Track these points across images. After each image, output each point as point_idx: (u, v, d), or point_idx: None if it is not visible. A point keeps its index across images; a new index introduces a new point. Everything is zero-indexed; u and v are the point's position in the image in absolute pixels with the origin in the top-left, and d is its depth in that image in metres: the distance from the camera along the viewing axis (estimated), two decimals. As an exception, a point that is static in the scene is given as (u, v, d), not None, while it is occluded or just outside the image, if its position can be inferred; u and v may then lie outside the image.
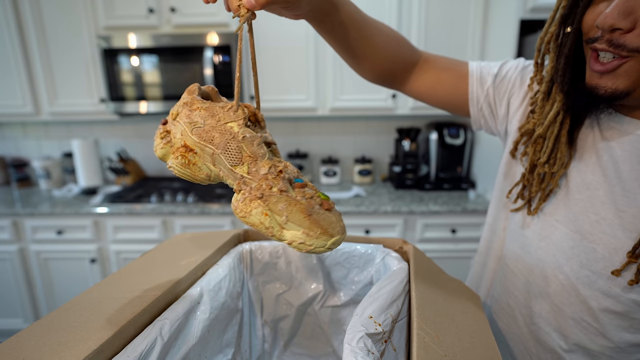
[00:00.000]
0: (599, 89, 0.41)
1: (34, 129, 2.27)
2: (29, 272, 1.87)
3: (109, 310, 0.37)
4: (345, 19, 0.51)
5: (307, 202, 0.36)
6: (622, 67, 0.39)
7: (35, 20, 1.81)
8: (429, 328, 0.36)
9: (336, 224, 0.36)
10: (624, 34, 0.38)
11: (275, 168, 0.37)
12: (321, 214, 0.36)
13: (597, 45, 0.40)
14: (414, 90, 0.64)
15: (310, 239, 0.35)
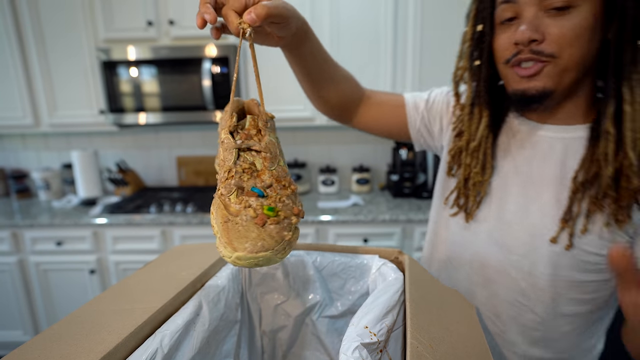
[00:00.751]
0: (529, 90, 0.50)
1: (34, 141, 2.28)
2: (29, 284, 1.87)
3: (110, 323, 0.38)
4: (314, 50, 0.58)
5: (234, 210, 0.36)
6: (544, 70, 0.48)
7: (35, 33, 1.84)
8: (423, 338, 0.37)
9: (249, 241, 0.34)
10: (539, 44, 0.47)
11: (229, 173, 0.39)
12: (240, 225, 0.35)
13: (522, 56, 0.49)
14: (362, 123, 0.73)
15: (220, 245, 0.35)
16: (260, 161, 0.42)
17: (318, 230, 1.75)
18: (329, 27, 1.80)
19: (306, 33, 0.55)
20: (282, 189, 0.40)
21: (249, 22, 0.41)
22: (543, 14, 0.47)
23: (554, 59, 0.47)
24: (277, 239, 0.35)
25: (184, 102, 1.86)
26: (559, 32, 0.46)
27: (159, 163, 2.33)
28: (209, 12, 0.41)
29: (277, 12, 0.44)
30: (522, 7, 0.48)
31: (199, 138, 2.27)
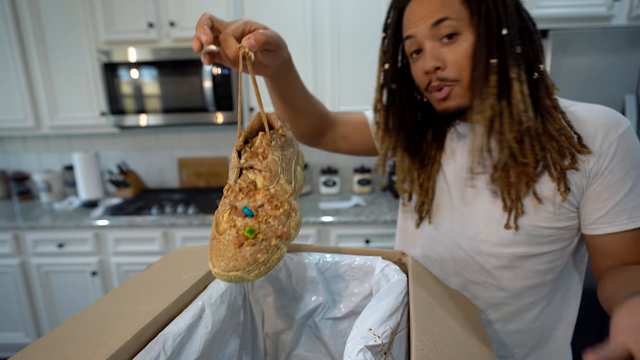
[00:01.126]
0: (447, 109, 0.57)
1: (35, 143, 2.29)
2: (30, 286, 1.87)
3: (112, 326, 0.38)
4: (294, 80, 0.63)
5: (221, 229, 0.39)
6: (452, 92, 0.55)
7: (36, 35, 1.84)
8: (427, 339, 0.36)
9: (224, 260, 0.37)
10: (442, 71, 0.54)
11: (227, 191, 0.42)
12: (221, 244, 0.38)
13: (433, 84, 0.56)
14: (330, 144, 0.78)
15: (208, 260, 0.39)
16: (261, 179, 0.43)
17: (319, 232, 1.74)
18: (330, 27, 1.80)
19: (290, 64, 0.60)
20: (272, 209, 0.42)
21: (249, 47, 0.43)
22: (439, 44, 0.54)
23: (457, 82, 0.54)
24: (249, 260, 0.38)
25: (185, 104, 1.86)
26: (454, 58, 0.53)
27: (160, 164, 2.33)
28: (206, 33, 0.42)
29: (273, 41, 0.48)
30: (421, 40, 0.55)
31: (200, 139, 2.27)
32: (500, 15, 0.51)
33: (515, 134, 0.53)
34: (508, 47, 0.51)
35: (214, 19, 0.45)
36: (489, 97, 0.53)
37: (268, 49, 0.48)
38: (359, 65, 1.84)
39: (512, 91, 0.53)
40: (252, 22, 0.46)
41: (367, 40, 1.81)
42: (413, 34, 0.55)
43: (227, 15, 1.77)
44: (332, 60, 1.84)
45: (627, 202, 0.52)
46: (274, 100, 0.66)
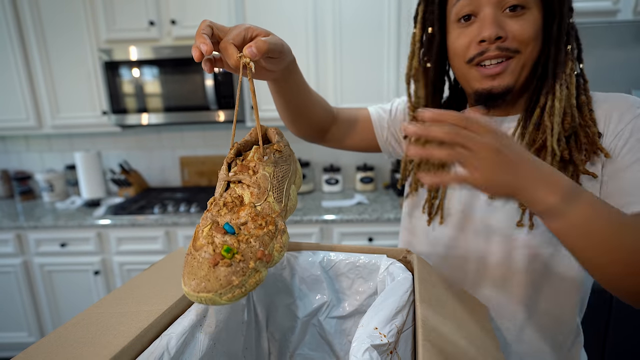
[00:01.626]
0: (495, 89, 0.52)
1: (37, 142, 2.29)
2: (33, 285, 1.87)
3: (116, 326, 0.38)
4: (298, 82, 0.61)
5: (198, 245, 0.37)
6: (509, 67, 0.51)
7: (37, 34, 1.84)
8: (434, 338, 0.36)
9: (196, 279, 0.34)
10: (503, 41, 0.50)
11: (210, 205, 0.41)
12: (195, 261, 0.36)
13: (489, 54, 0.51)
14: (333, 141, 0.76)
15: (182, 275, 0.37)
16: (247, 195, 0.41)
17: (322, 230, 1.74)
18: (332, 22, 1.79)
19: (294, 66, 0.58)
20: (256, 228, 0.39)
21: (250, 55, 0.42)
22: (501, 13, 0.50)
23: (517, 54, 0.51)
24: (222, 282, 0.34)
25: (187, 102, 1.86)
26: (520, 29, 0.49)
27: (162, 163, 2.33)
28: (206, 42, 0.41)
29: (275, 48, 0.46)
30: (482, 4, 0.50)
31: (202, 138, 2.27)
32: (570, 2, 0.50)
33: (568, 127, 0.52)
34: (574, 36, 0.51)
35: (214, 26, 0.44)
36: (564, 84, 0.51)
37: (271, 55, 0.47)
38: (361, 62, 1.83)
39: (570, 83, 0.52)
40: (253, 27, 0.45)
41: (369, 36, 1.80)
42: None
43: (229, 9, 1.76)
44: (335, 56, 1.83)
45: None
46: (278, 103, 0.65)
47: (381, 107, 0.77)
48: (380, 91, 1.86)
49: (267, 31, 0.46)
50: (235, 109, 0.42)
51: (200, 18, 1.79)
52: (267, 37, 0.45)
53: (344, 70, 1.85)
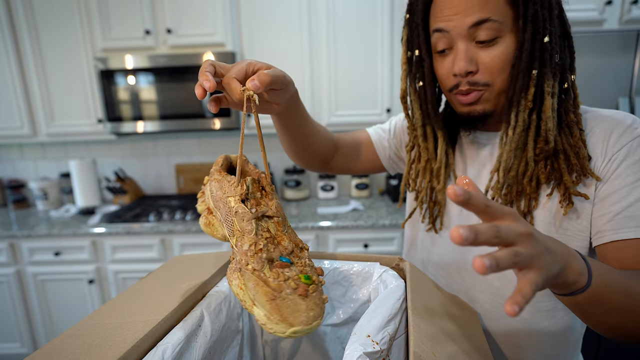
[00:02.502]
0: (472, 114, 0.55)
1: (31, 150, 2.28)
2: (26, 295, 1.86)
3: (111, 336, 0.38)
4: (302, 113, 0.61)
5: (275, 286, 0.37)
6: (482, 98, 0.53)
7: (32, 42, 1.84)
8: (425, 345, 0.37)
9: (302, 314, 0.35)
10: (474, 75, 0.51)
11: (256, 246, 0.39)
12: (287, 300, 0.36)
13: (462, 88, 0.53)
14: (337, 168, 0.77)
15: (270, 323, 0.35)
16: (273, 226, 0.42)
17: (318, 236, 1.74)
18: (326, 30, 1.81)
19: (297, 99, 0.58)
20: (300, 251, 0.42)
21: (253, 88, 0.42)
22: (473, 45, 0.50)
23: (488, 87, 0.52)
24: (320, 305, 0.38)
25: (182, 110, 1.86)
26: (490, 61, 0.50)
27: (158, 171, 2.32)
28: (209, 79, 0.41)
29: (278, 80, 0.46)
30: (455, 38, 0.51)
31: (198, 145, 2.27)
32: (546, 19, 0.48)
33: (538, 152, 0.52)
34: (547, 57, 0.49)
35: (216, 65, 0.45)
36: (524, 110, 0.50)
37: (274, 88, 0.47)
38: (355, 68, 1.85)
39: (544, 106, 0.50)
40: (254, 62, 0.46)
41: (363, 42, 1.83)
42: (445, 29, 0.51)
43: (224, 18, 1.78)
44: (329, 63, 1.85)
45: (637, 208, 0.47)
46: (283, 137, 0.66)
47: (380, 127, 0.78)
48: (375, 98, 1.88)
49: (268, 65, 0.47)
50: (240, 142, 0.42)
51: (196, 27, 1.80)
52: (268, 70, 0.45)
53: (338, 77, 1.87)
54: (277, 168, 2.27)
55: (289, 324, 0.35)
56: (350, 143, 0.76)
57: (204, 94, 0.42)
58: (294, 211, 1.93)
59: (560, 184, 0.52)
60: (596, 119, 0.53)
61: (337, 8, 1.79)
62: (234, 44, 1.82)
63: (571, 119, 0.52)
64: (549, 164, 0.53)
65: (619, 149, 0.49)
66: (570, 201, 0.51)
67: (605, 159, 0.50)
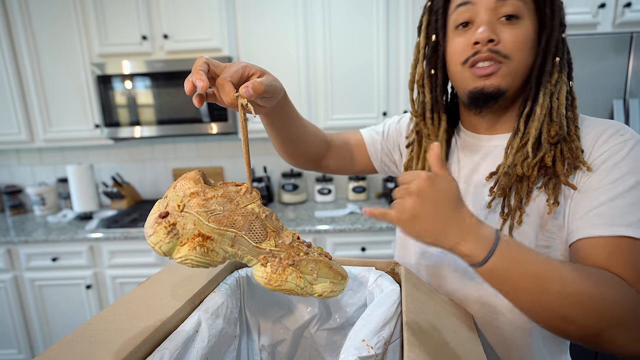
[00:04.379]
0: (486, 89, 0.54)
1: (28, 156, 2.28)
2: (23, 301, 1.85)
3: (109, 343, 0.38)
4: (290, 113, 0.62)
5: (324, 258, 0.45)
6: (500, 71, 0.53)
7: (29, 49, 1.85)
8: (419, 349, 0.37)
9: (340, 269, 0.45)
10: (496, 45, 0.52)
11: (294, 235, 0.44)
12: (334, 263, 0.45)
13: (481, 55, 0.53)
14: (329, 167, 0.78)
15: (335, 286, 0.44)
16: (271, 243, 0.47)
17: (316, 240, 1.75)
18: (322, 34, 1.83)
19: (286, 99, 0.59)
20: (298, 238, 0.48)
21: (246, 96, 0.43)
22: (496, 20, 0.52)
23: (507, 60, 0.53)
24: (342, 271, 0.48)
25: (180, 115, 1.87)
26: (511, 37, 0.52)
27: (155, 176, 2.33)
28: (202, 79, 0.42)
29: (271, 89, 0.47)
30: (479, 10, 0.53)
31: (195, 150, 2.28)
32: (564, 16, 0.53)
33: (553, 134, 0.54)
34: (562, 50, 0.53)
35: (210, 63, 0.45)
36: (548, 93, 0.53)
37: (265, 96, 0.48)
38: (352, 74, 1.86)
39: (560, 93, 0.54)
40: (250, 65, 0.47)
41: (360, 48, 1.84)
42: (472, 1, 0.53)
43: (220, 24, 1.79)
44: (325, 67, 1.86)
45: (609, 208, 0.48)
46: (272, 135, 0.66)
47: (373, 129, 0.79)
48: (371, 102, 1.89)
49: (262, 70, 0.48)
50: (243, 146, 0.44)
51: (193, 32, 1.81)
52: (262, 77, 0.46)
53: (334, 81, 1.88)
54: (274, 172, 2.28)
55: (344, 277, 0.46)
56: (343, 143, 0.76)
57: (193, 89, 0.42)
58: (292, 215, 1.93)
59: (552, 179, 0.54)
60: (589, 125, 0.55)
61: (333, 13, 1.80)
62: (230, 49, 1.82)
63: (569, 116, 0.55)
64: (552, 149, 0.54)
65: (602, 152, 0.51)
66: (556, 200, 0.53)
67: (594, 156, 0.52)
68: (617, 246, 0.46)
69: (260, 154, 2.23)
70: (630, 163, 0.49)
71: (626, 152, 0.49)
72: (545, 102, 0.53)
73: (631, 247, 0.46)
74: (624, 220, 0.47)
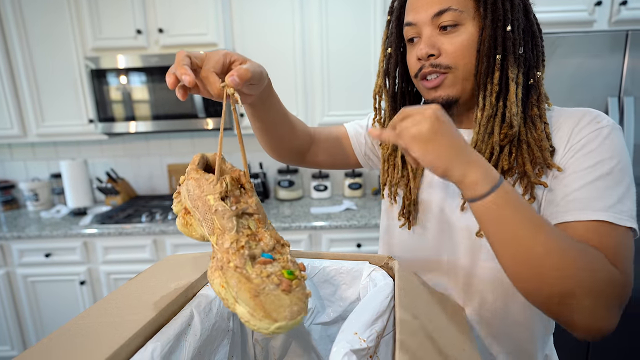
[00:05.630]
0: (436, 100, 0.56)
1: (21, 151, 2.26)
2: (16, 297, 1.84)
3: (100, 336, 0.38)
4: (275, 103, 0.62)
5: (258, 282, 0.36)
6: (445, 81, 0.55)
7: (21, 42, 1.82)
8: (411, 342, 0.37)
9: (285, 309, 0.35)
10: (436, 58, 0.54)
11: (238, 243, 0.39)
12: (271, 296, 0.36)
13: (425, 70, 0.55)
14: (313, 161, 0.77)
15: (254, 320, 0.35)
16: (254, 223, 0.42)
17: (311, 236, 1.75)
18: (319, 30, 1.82)
19: (270, 88, 0.59)
20: (282, 247, 0.42)
21: (233, 84, 0.42)
22: (437, 32, 0.54)
23: (450, 69, 0.54)
24: (303, 299, 0.38)
25: (175, 110, 1.86)
26: (451, 47, 0.53)
27: (150, 171, 2.31)
28: (187, 73, 0.41)
29: (257, 75, 0.47)
30: (421, 27, 0.55)
31: (190, 145, 2.26)
32: (507, 10, 0.51)
33: (502, 137, 0.54)
34: (510, 45, 0.52)
35: (192, 56, 0.44)
36: (491, 94, 0.53)
37: (251, 82, 0.48)
38: (348, 70, 1.86)
39: (509, 92, 0.53)
40: (231, 53, 0.46)
41: (357, 44, 1.83)
42: (413, 21, 0.55)
43: (216, 17, 1.78)
44: (322, 64, 1.85)
45: (582, 192, 0.49)
46: (257, 128, 0.66)
47: (358, 123, 0.78)
48: (367, 98, 1.89)
49: (243, 57, 0.47)
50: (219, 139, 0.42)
51: (188, 27, 1.80)
52: (245, 63, 0.46)
53: (331, 78, 1.87)
54: (270, 168, 2.27)
55: (273, 320, 0.35)
56: (327, 137, 0.76)
57: (176, 83, 0.42)
58: (287, 211, 1.93)
59: (524, 177, 0.54)
60: (564, 115, 0.56)
61: (330, 8, 1.80)
62: (226, 44, 1.81)
63: (534, 113, 0.55)
64: (513, 151, 0.55)
65: (579, 140, 0.52)
66: (532, 195, 0.53)
67: (566, 149, 0.52)
68: (593, 230, 0.47)
69: (257, 150, 2.22)
70: (605, 150, 0.50)
71: (602, 139, 0.50)
72: (487, 105, 0.53)
73: (606, 230, 0.47)
74: (598, 205, 0.48)
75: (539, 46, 0.55)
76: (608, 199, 0.47)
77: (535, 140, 0.54)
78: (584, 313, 0.42)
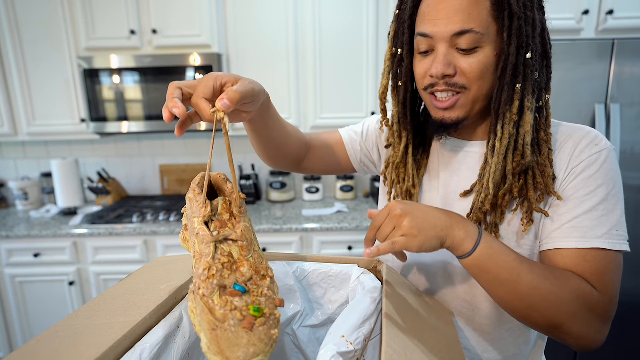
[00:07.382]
0: (445, 120, 0.56)
1: (11, 149, 2.23)
2: (4, 297, 1.81)
3: (89, 337, 0.38)
4: (274, 116, 0.62)
5: (220, 315, 0.35)
6: (458, 102, 0.54)
7: (13, 41, 1.81)
8: (398, 346, 0.38)
9: (240, 348, 0.33)
10: (452, 78, 0.52)
11: (210, 271, 0.38)
12: (229, 332, 0.34)
13: (438, 88, 0.54)
14: (309, 168, 0.78)
15: (209, 353, 0.33)
16: (237, 250, 0.41)
17: (302, 239, 1.75)
18: (312, 34, 1.83)
19: (268, 103, 0.58)
20: (261, 279, 0.40)
21: (223, 108, 0.41)
22: (454, 50, 0.52)
23: (465, 90, 0.53)
24: (266, 340, 0.35)
25: (167, 111, 1.85)
26: (468, 67, 0.51)
27: (142, 171, 2.30)
28: (177, 106, 0.41)
29: (247, 93, 0.45)
30: (436, 42, 0.52)
31: (183, 146, 2.26)
32: (529, 36, 0.49)
33: (515, 166, 0.53)
34: (529, 73, 0.50)
35: (183, 86, 0.44)
36: (509, 122, 0.52)
37: (245, 102, 0.46)
38: (341, 73, 1.87)
39: (523, 120, 0.52)
40: (221, 75, 0.45)
41: (350, 47, 1.85)
42: (430, 34, 0.52)
43: (210, 19, 1.78)
44: (315, 66, 1.86)
45: (584, 220, 0.51)
46: (255, 141, 0.65)
47: (352, 129, 0.78)
48: (360, 101, 1.90)
49: (236, 77, 0.46)
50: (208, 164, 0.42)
51: (182, 28, 1.80)
52: (236, 84, 0.44)
53: (324, 80, 1.88)
54: (262, 170, 2.27)
55: (225, 358, 0.33)
56: (322, 144, 0.76)
57: (172, 118, 0.42)
58: (279, 213, 1.94)
59: (525, 201, 0.55)
60: (565, 134, 0.56)
61: (324, 10, 1.81)
62: (220, 46, 1.81)
63: (542, 137, 0.55)
64: (521, 178, 0.55)
65: (579, 163, 0.52)
66: (531, 219, 0.54)
67: (566, 174, 0.53)
68: (586, 257, 0.50)
69: (249, 152, 2.22)
70: (603, 175, 0.51)
71: (600, 163, 0.52)
72: (505, 134, 0.52)
73: (600, 255, 0.50)
74: (596, 233, 0.50)
75: (550, 67, 0.54)
76: (604, 227, 0.50)
77: (538, 165, 0.54)
78: (573, 335, 0.48)
